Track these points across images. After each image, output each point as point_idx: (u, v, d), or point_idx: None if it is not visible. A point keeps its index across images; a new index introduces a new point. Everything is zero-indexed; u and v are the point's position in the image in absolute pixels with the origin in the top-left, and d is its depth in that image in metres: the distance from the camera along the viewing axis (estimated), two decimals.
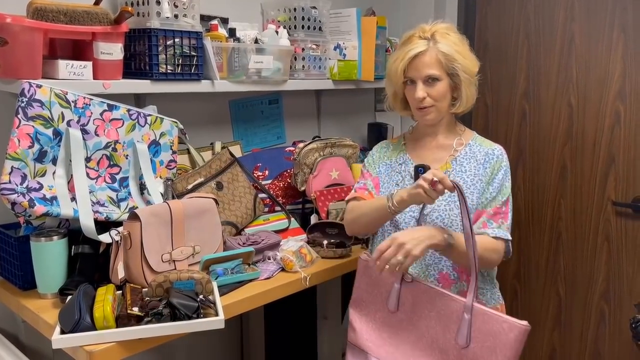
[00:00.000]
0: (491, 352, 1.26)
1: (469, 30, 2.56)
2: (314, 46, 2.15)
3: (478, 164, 1.54)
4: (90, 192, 1.55)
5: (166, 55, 1.68)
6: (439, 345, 1.35)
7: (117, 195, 1.64)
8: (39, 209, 1.44)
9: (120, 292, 1.42)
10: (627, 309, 2.23)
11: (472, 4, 2.57)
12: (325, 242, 1.85)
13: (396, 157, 1.64)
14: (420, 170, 1.40)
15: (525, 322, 1.25)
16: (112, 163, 1.64)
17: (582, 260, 2.35)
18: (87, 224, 1.49)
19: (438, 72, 1.48)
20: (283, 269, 1.70)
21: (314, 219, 2.01)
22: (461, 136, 1.60)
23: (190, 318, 1.30)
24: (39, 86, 1.45)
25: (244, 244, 1.72)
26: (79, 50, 1.59)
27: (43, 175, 1.49)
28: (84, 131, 1.55)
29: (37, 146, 1.46)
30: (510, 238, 1.50)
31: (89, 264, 1.51)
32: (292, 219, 1.99)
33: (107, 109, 1.60)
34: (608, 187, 2.24)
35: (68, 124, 1.51)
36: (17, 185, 1.43)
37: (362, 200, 1.60)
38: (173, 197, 1.71)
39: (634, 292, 2.21)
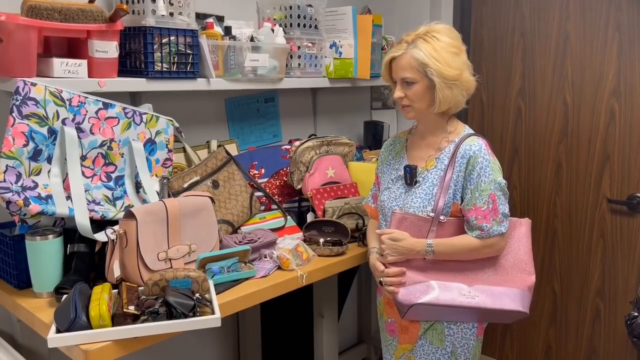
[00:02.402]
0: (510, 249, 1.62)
1: (465, 28, 2.56)
2: (310, 44, 2.15)
3: (456, 162, 1.57)
4: (85, 191, 1.54)
5: (161, 53, 1.68)
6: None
7: (112, 193, 1.63)
8: (34, 207, 1.43)
9: (116, 290, 1.42)
10: (622, 305, 2.24)
11: (468, 3, 2.57)
12: (321, 240, 1.85)
13: (396, 156, 1.73)
14: (408, 170, 1.62)
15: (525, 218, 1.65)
16: (107, 161, 1.63)
17: (578, 258, 2.36)
18: (83, 222, 1.48)
19: (412, 75, 1.54)
20: (279, 267, 1.70)
21: (310, 217, 2.01)
22: (448, 134, 1.62)
23: (186, 316, 1.30)
24: (34, 84, 1.45)
25: (240, 242, 1.72)
26: (74, 48, 1.59)
27: (38, 173, 1.48)
28: (79, 129, 1.54)
29: (31, 145, 1.45)
30: (500, 233, 1.55)
31: (85, 262, 1.51)
32: (289, 217, 1.99)
33: (102, 107, 1.59)
34: (603, 184, 2.25)
35: (63, 122, 1.51)
36: (11, 184, 1.42)
37: (370, 217, 1.85)
38: (169, 196, 1.70)
39: (629, 289, 2.22)
